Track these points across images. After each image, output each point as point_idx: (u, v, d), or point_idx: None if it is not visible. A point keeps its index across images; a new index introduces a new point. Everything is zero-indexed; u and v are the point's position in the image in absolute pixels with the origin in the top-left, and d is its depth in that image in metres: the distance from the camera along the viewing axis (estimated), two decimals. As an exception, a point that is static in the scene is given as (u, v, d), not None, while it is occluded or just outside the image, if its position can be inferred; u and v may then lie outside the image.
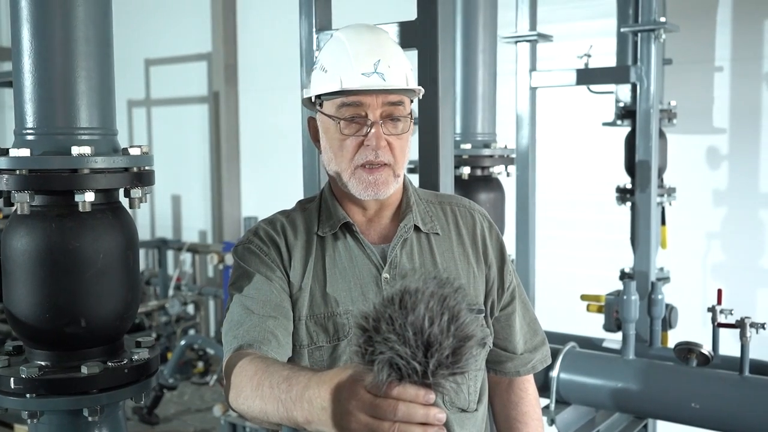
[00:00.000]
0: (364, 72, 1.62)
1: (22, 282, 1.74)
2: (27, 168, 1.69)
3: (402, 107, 1.66)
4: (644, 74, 3.54)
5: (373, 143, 1.62)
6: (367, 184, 1.65)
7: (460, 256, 1.77)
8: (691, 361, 2.88)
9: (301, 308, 1.67)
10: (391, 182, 1.67)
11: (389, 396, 1.05)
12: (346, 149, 1.65)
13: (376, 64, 1.63)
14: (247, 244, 1.71)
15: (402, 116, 1.66)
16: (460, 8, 3.22)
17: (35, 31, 1.72)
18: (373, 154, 1.63)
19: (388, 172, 1.66)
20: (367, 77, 1.62)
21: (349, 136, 1.64)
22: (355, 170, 1.65)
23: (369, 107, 1.63)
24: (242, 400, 1.41)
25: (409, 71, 1.69)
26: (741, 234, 5.11)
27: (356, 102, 1.63)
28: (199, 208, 8.68)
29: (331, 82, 1.64)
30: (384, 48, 1.67)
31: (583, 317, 4.03)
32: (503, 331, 1.86)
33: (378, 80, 1.62)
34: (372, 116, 1.63)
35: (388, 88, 1.63)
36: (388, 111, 1.64)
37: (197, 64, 8.49)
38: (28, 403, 1.74)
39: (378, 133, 1.62)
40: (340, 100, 1.64)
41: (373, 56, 1.64)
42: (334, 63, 1.66)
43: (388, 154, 1.64)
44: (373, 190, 1.65)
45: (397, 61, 1.67)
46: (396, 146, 1.65)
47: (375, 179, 1.64)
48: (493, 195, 3.25)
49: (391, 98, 1.64)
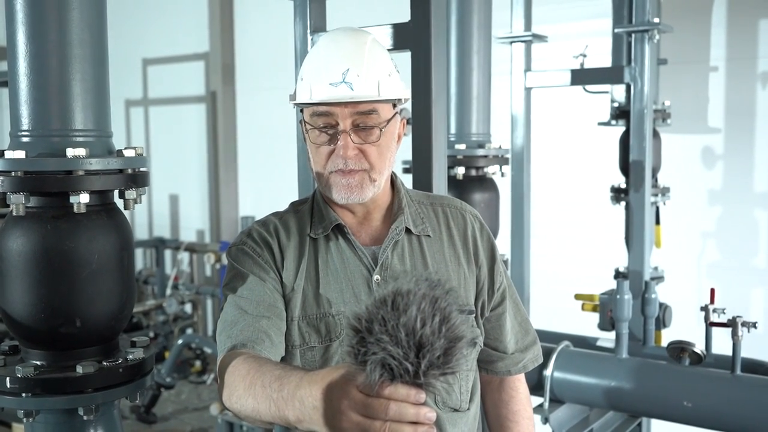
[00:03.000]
0: (332, 82, 1.62)
1: (17, 282, 1.75)
2: (22, 170, 1.70)
3: (375, 115, 1.64)
4: (638, 75, 3.55)
5: (341, 153, 1.63)
6: (340, 187, 1.66)
7: (451, 257, 1.78)
8: (683, 360, 2.90)
9: (294, 309, 1.68)
10: (367, 186, 1.67)
11: (381, 396, 1.06)
12: (320, 156, 1.67)
13: (344, 73, 1.62)
14: (241, 245, 1.73)
15: (375, 125, 1.64)
16: (454, 9, 3.22)
17: (30, 34, 1.74)
18: (342, 163, 1.63)
19: (362, 176, 1.66)
20: (334, 87, 1.61)
21: (320, 145, 1.65)
22: (329, 175, 1.67)
23: (338, 116, 1.63)
24: (235, 399, 1.42)
25: (384, 77, 1.66)
26: (736, 233, 5.13)
27: (326, 112, 1.64)
28: (197, 207, 8.69)
29: (303, 91, 1.66)
30: (357, 54, 1.65)
31: (579, 316, 4.04)
32: (494, 331, 1.87)
33: (345, 90, 1.61)
34: (342, 125, 1.63)
35: (354, 100, 1.62)
36: (359, 120, 1.64)
37: (194, 64, 8.49)
38: (23, 402, 1.75)
39: (346, 143, 1.63)
40: (312, 108, 1.66)
41: (343, 64, 1.63)
42: (308, 72, 1.67)
43: (361, 161, 1.65)
44: (347, 193, 1.66)
45: (370, 68, 1.64)
46: (371, 152, 1.65)
47: (348, 183, 1.65)
48: (488, 195, 3.26)
49: (362, 108, 1.63)
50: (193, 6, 8.33)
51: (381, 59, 1.69)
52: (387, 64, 1.69)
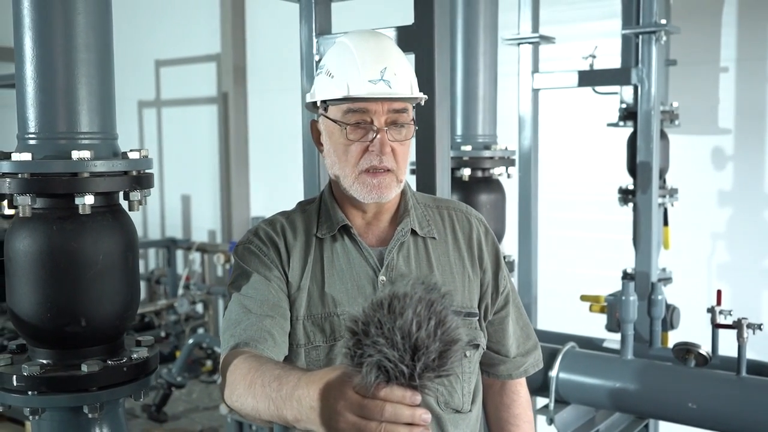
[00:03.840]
0: (371, 79, 1.65)
1: (24, 283, 1.78)
2: (29, 172, 1.72)
3: (406, 114, 1.69)
4: (645, 76, 3.55)
5: (377, 148, 1.65)
6: (371, 187, 1.67)
7: (455, 260, 1.80)
8: (689, 361, 2.89)
9: (299, 308, 1.70)
10: (394, 187, 1.70)
11: (377, 397, 1.08)
12: (350, 154, 1.68)
13: (382, 71, 1.66)
14: (247, 244, 1.75)
15: (406, 123, 1.69)
16: (461, 11, 3.23)
17: (37, 38, 1.76)
18: (377, 159, 1.66)
19: (391, 177, 1.69)
20: (373, 84, 1.65)
21: (354, 142, 1.67)
22: (359, 174, 1.68)
23: (375, 114, 1.65)
24: (236, 397, 1.44)
25: (413, 78, 1.72)
26: (746, 234, 5.11)
27: (362, 108, 1.66)
28: (209, 208, 8.73)
29: (337, 87, 1.67)
30: (390, 55, 1.70)
31: (587, 317, 4.04)
32: (496, 335, 1.88)
33: (384, 87, 1.65)
34: (377, 123, 1.66)
35: (394, 96, 1.66)
36: (393, 118, 1.67)
37: (206, 66, 8.54)
38: (29, 400, 1.78)
39: (383, 139, 1.65)
40: (346, 106, 1.67)
41: (380, 63, 1.66)
42: (341, 69, 1.69)
43: (392, 160, 1.67)
44: (377, 194, 1.68)
45: (403, 68, 1.70)
46: (399, 152, 1.69)
47: (378, 183, 1.67)
48: (494, 196, 3.26)
49: (396, 105, 1.67)
50: (205, 8, 8.38)
51: (407, 61, 1.75)
52: (411, 67, 1.76)
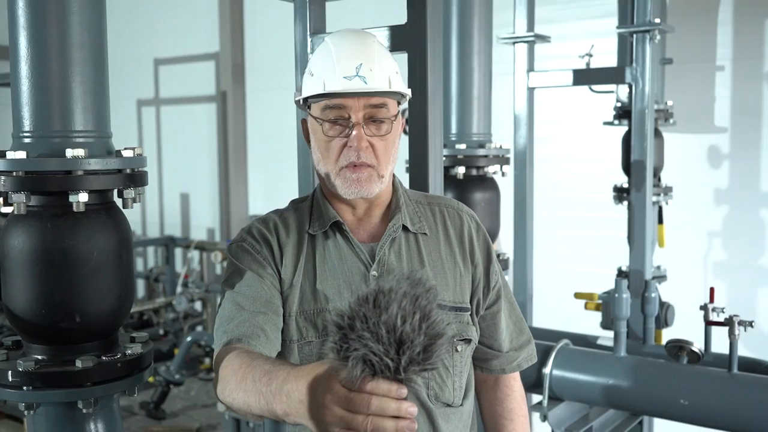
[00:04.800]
0: (346, 75, 1.67)
1: (19, 279, 1.80)
2: (23, 170, 1.75)
3: (385, 109, 1.70)
4: (639, 75, 3.56)
5: (355, 144, 1.67)
6: (351, 182, 1.69)
7: (447, 255, 1.82)
8: (681, 358, 2.90)
9: (292, 304, 1.72)
10: (375, 182, 1.71)
11: (363, 390, 1.09)
12: (331, 150, 1.70)
13: (358, 67, 1.67)
14: (241, 242, 1.77)
15: (385, 118, 1.70)
16: (455, 10, 3.24)
17: (32, 37, 1.79)
18: (355, 155, 1.68)
19: (371, 172, 1.70)
20: (348, 80, 1.66)
21: (333, 138, 1.69)
22: (340, 170, 1.70)
23: (351, 109, 1.67)
24: (228, 392, 1.46)
25: (393, 74, 1.73)
26: (742, 233, 5.12)
27: (339, 105, 1.68)
28: (207, 206, 8.74)
29: (315, 85, 1.70)
30: (367, 51, 1.71)
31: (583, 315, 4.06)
32: (489, 330, 1.90)
33: (359, 83, 1.67)
34: (354, 118, 1.68)
35: (368, 91, 1.67)
36: (371, 113, 1.69)
37: (205, 64, 8.55)
38: (25, 395, 1.80)
39: (359, 134, 1.67)
40: (324, 102, 1.69)
41: (356, 60, 1.68)
42: (320, 67, 1.71)
43: (371, 155, 1.69)
44: (356, 188, 1.70)
45: (381, 64, 1.71)
46: (379, 147, 1.70)
47: (358, 177, 1.69)
48: (488, 194, 3.28)
49: (373, 101, 1.69)
50: (203, 6, 8.39)
51: (388, 57, 1.76)
52: (393, 63, 1.76)
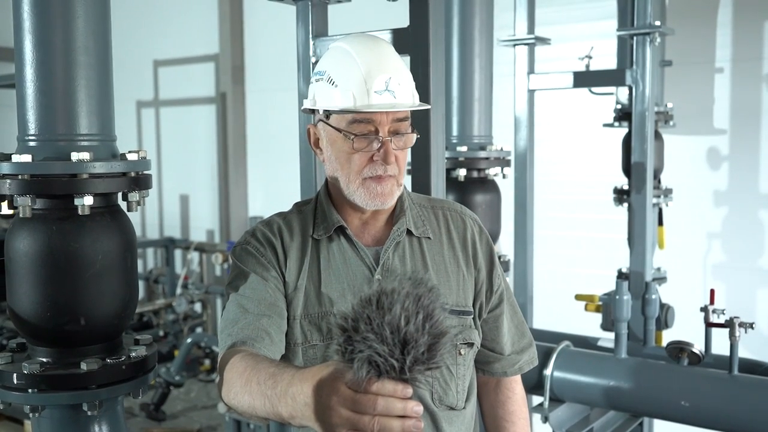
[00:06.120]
0: (377, 90, 1.67)
1: (24, 282, 1.81)
2: (29, 173, 1.75)
3: (407, 122, 1.72)
4: (639, 77, 3.57)
5: (383, 158, 1.68)
6: (375, 194, 1.70)
7: (450, 259, 1.83)
8: (682, 360, 2.91)
9: (296, 308, 1.72)
10: (395, 192, 1.73)
11: (369, 391, 1.11)
12: (354, 162, 1.70)
13: (387, 81, 1.67)
14: (245, 245, 1.77)
15: (407, 131, 1.72)
16: (456, 12, 3.25)
17: (37, 42, 1.79)
18: (383, 168, 1.69)
19: (393, 182, 1.72)
20: (379, 95, 1.66)
21: (358, 151, 1.69)
22: (363, 181, 1.70)
23: (380, 124, 1.68)
24: (233, 395, 1.47)
25: (413, 86, 1.75)
26: (741, 234, 5.14)
27: (368, 119, 1.68)
28: (207, 207, 8.74)
29: (343, 98, 1.68)
30: (392, 63, 1.71)
31: (583, 316, 4.07)
32: (491, 333, 1.91)
33: (390, 98, 1.67)
34: (382, 132, 1.68)
35: (398, 109, 1.68)
36: (396, 127, 1.70)
37: (205, 66, 8.55)
38: (29, 397, 1.81)
39: (388, 149, 1.68)
40: (351, 116, 1.68)
41: (385, 73, 1.68)
42: (344, 78, 1.69)
43: (395, 168, 1.71)
44: (381, 201, 1.71)
45: (405, 77, 1.72)
46: (400, 158, 1.72)
47: (383, 190, 1.70)
48: (489, 196, 3.28)
49: (399, 115, 1.70)
50: (203, 8, 8.39)
51: (406, 66, 1.77)
52: (409, 71, 1.77)
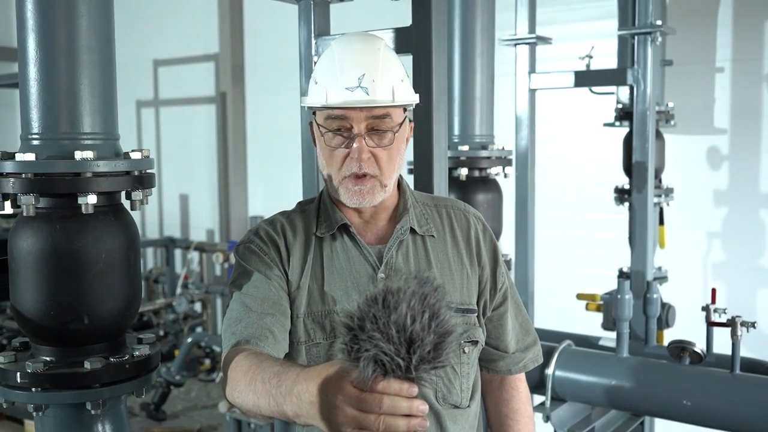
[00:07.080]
0: (348, 86, 1.65)
1: (27, 281, 1.81)
2: (32, 172, 1.75)
3: (388, 120, 1.68)
4: (641, 76, 3.57)
5: (356, 156, 1.66)
6: (352, 193, 1.70)
7: (454, 257, 1.82)
8: (684, 359, 2.91)
9: (299, 306, 1.72)
10: (378, 192, 1.71)
11: (374, 390, 1.11)
12: (334, 159, 1.70)
13: (360, 78, 1.65)
14: (248, 243, 1.77)
15: (388, 129, 1.69)
16: (458, 11, 3.25)
17: (40, 40, 1.79)
18: (357, 166, 1.67)
19: (374, 182, 1.70)
20: (350, 92, 1.65)
21: (335, 148, 1.69)
22: (342, 180, 1.70)
23: (353, 120, 1.66)
24: (237, 394, 1.47)
25: (398, 83, 1.70)
26: (741, 233, 5.14)
27: (341, 115, 1.66)
28: (207, 207, 8.74)
29: (318, 95, 1.69)
30: (372, 60, 1.68)
31: (584, 316, 4.07)
32: (495, 331, 1.91)
33: (361, 95, 1.65)
34: (356, 129, 1.66)
35: (370, 105, 1.65)
36: (373, 124, 1.67)
37: (204, 65, 8.55)
38: (33, 396, 1.81)
39: (361, 146, 1.66)
40: (326, 112, 1.69)
41: (359, 70, 1.66)
42: (323, 75, 1.70)
43: (373, 166, 1.68)
44: (358, 199, 1.70)
45: (385, 73, 1.68)
46: (382, 157, 1.69)
47: (360, 189, 1.69)
48: (491, 196, 3.28)
49: (376, 112, 1.67)
50: (203, 8, 8.39)
51: (394, 65, 1.73)
52: (399, 70, 1.73)
